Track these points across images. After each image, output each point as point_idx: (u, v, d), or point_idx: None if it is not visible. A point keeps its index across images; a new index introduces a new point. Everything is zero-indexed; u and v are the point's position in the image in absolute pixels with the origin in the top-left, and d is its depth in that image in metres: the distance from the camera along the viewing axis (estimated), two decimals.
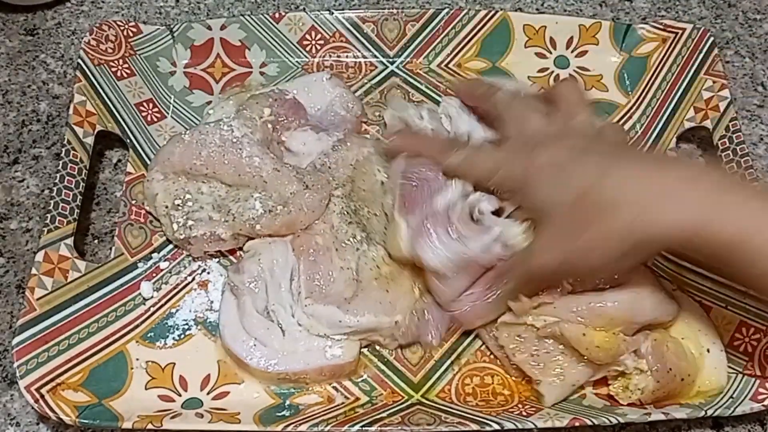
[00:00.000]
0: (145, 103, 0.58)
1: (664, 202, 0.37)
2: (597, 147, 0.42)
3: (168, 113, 0.58)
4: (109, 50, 0.57)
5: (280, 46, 0.61)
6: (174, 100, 0.59)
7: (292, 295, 0.48)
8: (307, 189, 0.50)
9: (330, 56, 0.61)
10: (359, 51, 0.61)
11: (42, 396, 0.44)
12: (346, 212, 0.51)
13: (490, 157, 0.46)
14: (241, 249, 0.51)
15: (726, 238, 0.36)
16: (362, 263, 0.49)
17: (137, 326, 0.49)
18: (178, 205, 0.51)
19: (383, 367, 0.48)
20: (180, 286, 0.51)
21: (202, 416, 0.44)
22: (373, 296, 0.47)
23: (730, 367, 0.47)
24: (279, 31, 0.61)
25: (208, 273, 0.52)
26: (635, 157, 0.42)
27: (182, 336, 0.49)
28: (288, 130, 0.54)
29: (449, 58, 0.62)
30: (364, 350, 0.49)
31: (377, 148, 0.54)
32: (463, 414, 0.44)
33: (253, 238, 0.51)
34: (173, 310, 0.50)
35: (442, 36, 0.61)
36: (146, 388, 0.47)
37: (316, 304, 0.47)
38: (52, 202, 0.49)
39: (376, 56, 0.62)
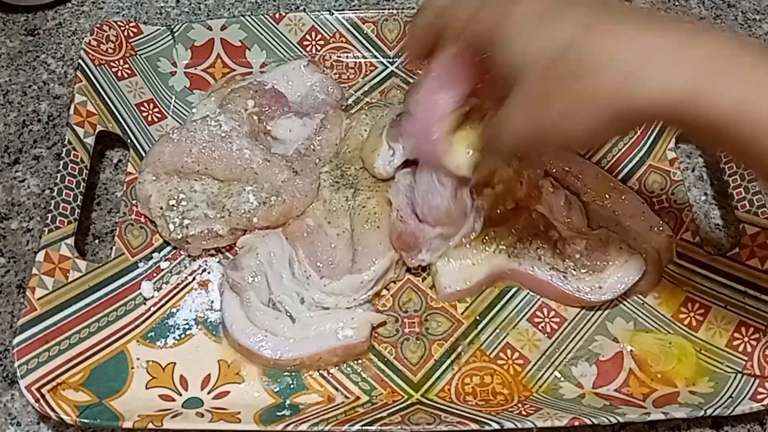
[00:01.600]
0: (145, 104, 0.58)
1: (653, 67, 0.32)
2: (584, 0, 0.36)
3: (168, 113, 0.59)
4: (110, 50, 0.57)
5: (281, 46, 0.61)
6: (174, 101, 0.59)
7: (299, 282, 0.49)
8: (296, 175, 0.51)
9: (330, 56, 0.61)
10: (359, 51, 0.62)
11: (43, 396, 0.44)
12: (335, 181, 0.52)
13: (470, 5, 0.39)
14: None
15: (721, 111, 0.32)
16: (354, 214, 0.50)
17: (138, 326, 0.49)
18: (173, 205, 0.51)
19: (383, 366, 0.48)
20: (180, 286, 0.51)
21: (202, 416, 0.44)
22: (371, 241, 0.49)
23: (728, 366, 0.47)
24: (279, 31, 0.61)
25: (209, 273, 0.52)
26: (627, 14, 0.35)
27: (183, 336, 0.49)
28: (272, 119, 0.55)
29: None
30: None
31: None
32: (462, 413, 0.44)
33: (249, 232, 0.51)
34: (174, 310, 0.50)
35: None
36: (147, 388, 0.47)
37: (333, 281, 0.48)
38: (52, 202, 0.49)
39: (376, 56, 0.62)
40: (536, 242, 0.50)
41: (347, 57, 0.62)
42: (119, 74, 0.57)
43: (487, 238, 0.51)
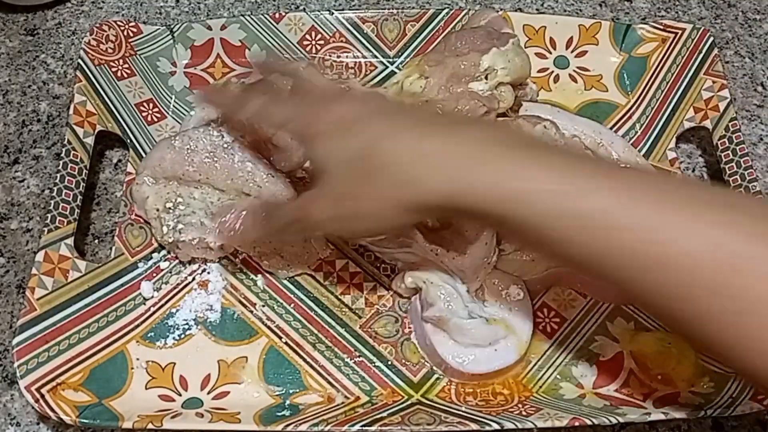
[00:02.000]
0: (145, 103, 0.58)
1: (422, 171, 0.37)
2: (386, 108, 0.42)
3: (168, 113, 0.58)
4: (110, 50, 0.57)
5: (281, 46, 0.61)
6: (174, 100, 0.59)
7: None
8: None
9: (330, 56, 0.61)
10: (359, 51, 0.61)
11: (42, 396, 0.44)
12: None
13: (283, 109, 0.44)
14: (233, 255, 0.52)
15: (482, 204, 0.36)
16: None
17: (137, 326, 0.49)
18: (170, 208, 0.50)
19: (383, 366, 0.48)
20: (180, 286, 0.51)
21: (202, 416, 0.44)
22: None
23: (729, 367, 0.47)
24: (279, 31, 0.61)
25: (209, 273, 0.51)
26: (420, 120, 0.40)
27: (182, 336, 0.49)
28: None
29: None
30: (364, 351, 0.49)
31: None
32: (463, 414, 0.44)
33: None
34: (173, 310, 0.50)
35: (442, 36, 0.61)
36: (146, 388, 0.47)
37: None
38: (52, 202, 0.49)
39: (376, 56, 0.62)
40: None
41: (347, 57, 0.62)
42: (119, 74, 0.57)
43: None
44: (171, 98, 0.59)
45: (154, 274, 0.51)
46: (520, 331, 0.48)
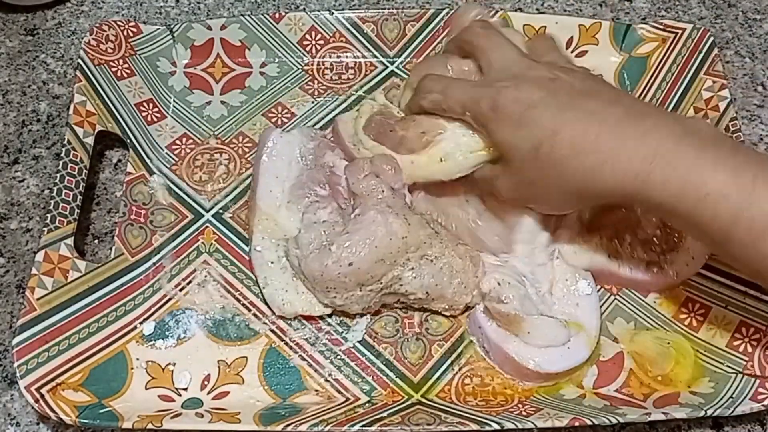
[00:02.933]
0: (145, 103, 0.58)
1: (608, 166, 0.39)
2: (561, 89, 0.43)
3: (168, 113, 0.58)
4: (110, 50, 0.57)
5: (281, 46, 0.61)
6: (174, 100, 0.59)
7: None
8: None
9: (330, 56, 0.61)
10: (359, 51, 0.61)
11: (42, 396, 0.44)
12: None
13: (463, 91, 0.46)
14: None
15: (662, 199, 0.38)
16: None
17: (137, 326, 0.49)
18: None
19: (383, 366, 0.48)
20: (181, 286, 0.51)
21: (202, 416, 0.44)
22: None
23: (729, 366, 0.47)
24: (279, 31, 0.61)
25: (210, 273, 0.51)
26: (595, 107, 0.42)
27: (183, 336, 0.49)
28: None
29: None
30: (364, 351, 0.49)
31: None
32: (463, 414, 0.44)
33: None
34: (174, 310, 0.50)
35: (442, 36, 0.61)
36: (146, 388, 0.47)
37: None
38: (52, 202, 0.49)
39: (376, 56, 0.62)
40: (628, 236, 0.50)
41: (347, 57, 0.62)
42: (119, 74, 0.57)
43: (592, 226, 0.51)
44: (171, 98, 0.59)
45: (154, 274, 0.51)
46: (589, 327, 0.48)
